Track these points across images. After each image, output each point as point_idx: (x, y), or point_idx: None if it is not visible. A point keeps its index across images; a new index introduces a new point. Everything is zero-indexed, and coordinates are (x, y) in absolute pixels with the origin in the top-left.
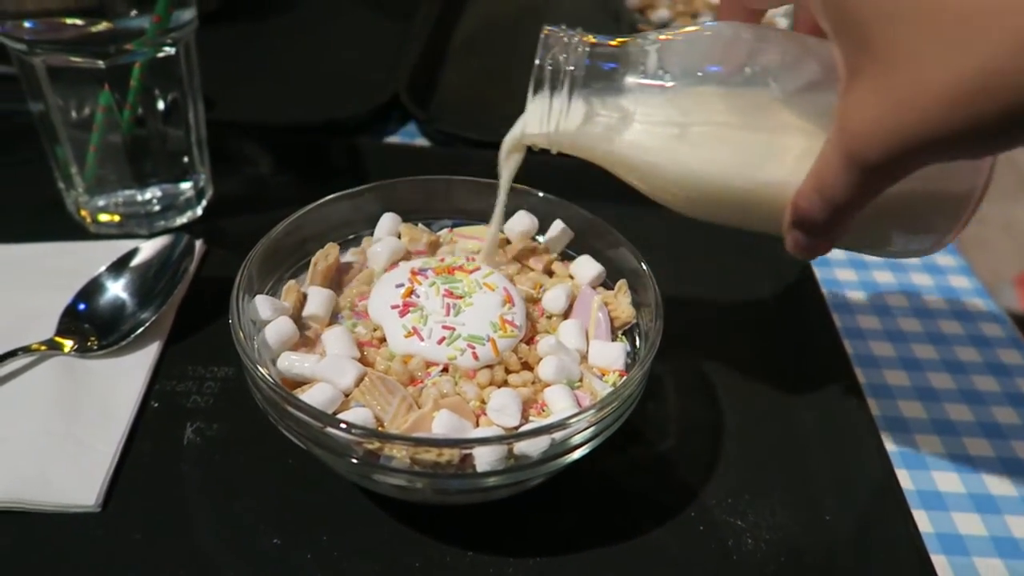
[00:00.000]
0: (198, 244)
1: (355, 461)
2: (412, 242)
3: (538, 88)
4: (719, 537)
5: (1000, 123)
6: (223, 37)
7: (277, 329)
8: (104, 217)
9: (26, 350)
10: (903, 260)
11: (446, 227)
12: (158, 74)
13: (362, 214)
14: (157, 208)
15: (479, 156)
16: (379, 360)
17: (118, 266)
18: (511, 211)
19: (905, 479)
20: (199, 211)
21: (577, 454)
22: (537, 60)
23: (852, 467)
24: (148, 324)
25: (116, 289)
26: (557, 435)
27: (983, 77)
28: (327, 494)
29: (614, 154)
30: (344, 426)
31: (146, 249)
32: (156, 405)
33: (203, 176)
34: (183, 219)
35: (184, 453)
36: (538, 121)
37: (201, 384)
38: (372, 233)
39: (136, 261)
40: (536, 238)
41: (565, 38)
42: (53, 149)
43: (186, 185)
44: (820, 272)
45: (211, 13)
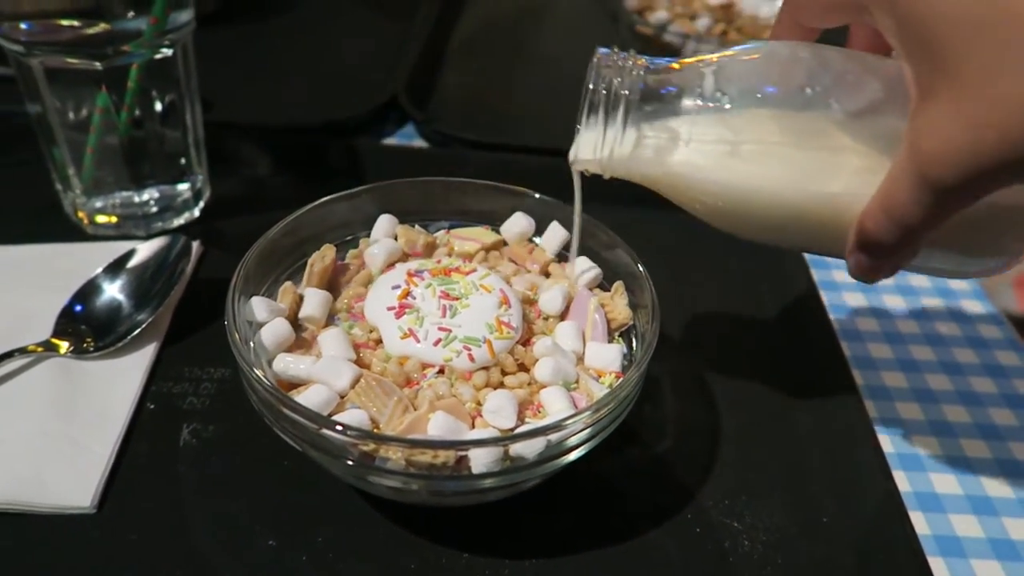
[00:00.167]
0: (195, 245)
1: (351, 463)
2: (409, 244)
3: (591, 113)
4: (716, 539)
5: None
6: (221, 38)
7: (273, 330)
8: (101, 218)
9: (22, 351)
10: None
11: (443, 228)
12: (155, 76)
13: (359, 215)
14: (154, 209)
15: (477, 157)
16: (375, 362)
17: (115, 267)
18: (507, 213)
19: (902, 481)
20: (196, 212)
21: (573, 456)
22: (591, 84)
23: (849, 469)
24: (144, 325)
25: (112, 290)
26: (553, 437)
27: None
28: (323, 495)
29: (670, 176)
30: (339, 428)
31: (143, 250)
32: (152, 406)
33: (200, 177)
34: (180, 220)
35: (180, 454)
36: (591, 147)
37: (197, 385)
38: (369, 235)
39: (133, 262)
40: (533, 239)
41: (620, 61)
42: (50, 151)
43: (183, 186)
44: (817, 274)
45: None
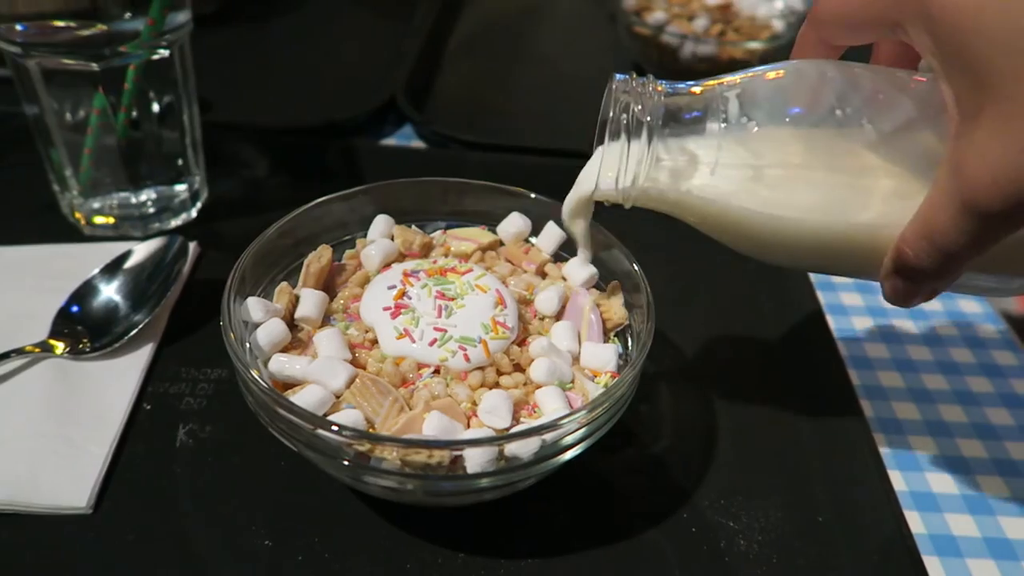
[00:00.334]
0: (192, 246)
1: (346, 463)
2: (405, 244)
3: (610, 140)
4: (711, 538)
5: None
6: (220, 39)
7: (268, 331)
8: (99, 219)
9: (19, 352)
10: None
11: (440, 229)
12: (153, 76)
13: (356, 216)
14: (152, 210)
15: (474, 158)
16: (371, 362)
17: (111, 268)
18: (504, 213)
19: (898, 480)
20: (194, 213)
21: (568, 455)
22: (611, 112)
23: (845, 468)
24: (141, 326)
25: (109, 291)
26: (548, 436)
27: None
28: (319, 496)
29: (696, 204)
30: (335, 428)
31: (139, 251)
32: (149, 407)
33: (198, 178)
34: (178, 221)
35: (176, 455)
36: (612, 177)
37: (194, 386)
38: (366, 235)
39: (129, 263)
40: (529, 240)
41: (638, 87)
42: (48, 152)
43: (181, 187)
44: (814, 274)
45: (208, 15)
